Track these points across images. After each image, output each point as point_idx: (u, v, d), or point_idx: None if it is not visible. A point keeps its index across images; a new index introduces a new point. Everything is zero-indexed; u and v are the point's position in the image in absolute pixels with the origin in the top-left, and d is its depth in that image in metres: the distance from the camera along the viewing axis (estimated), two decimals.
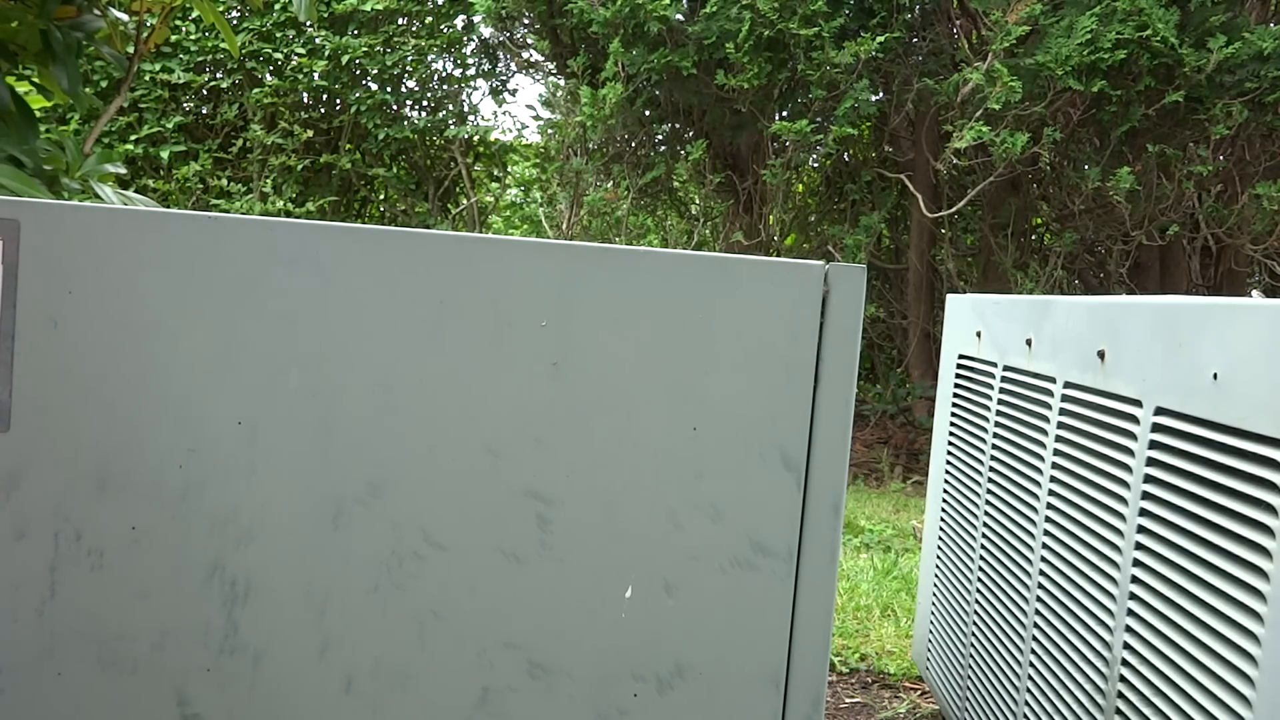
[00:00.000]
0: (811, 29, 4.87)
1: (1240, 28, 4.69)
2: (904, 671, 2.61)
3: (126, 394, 0.95)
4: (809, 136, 5.01)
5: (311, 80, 7.19)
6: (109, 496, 0.95)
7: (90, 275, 0.93)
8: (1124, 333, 1.38)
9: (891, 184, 6.03)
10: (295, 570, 0.97)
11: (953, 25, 5.46)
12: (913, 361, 6.03)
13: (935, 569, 2.24)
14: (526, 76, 10.17)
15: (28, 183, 1.75)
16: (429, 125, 7.34)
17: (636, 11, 5.02)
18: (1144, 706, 1.24)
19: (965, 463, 2.06)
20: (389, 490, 0.97)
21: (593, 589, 0.98)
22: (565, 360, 0.96)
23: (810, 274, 0.96)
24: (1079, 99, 4.96)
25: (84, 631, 0.96)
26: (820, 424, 0.97)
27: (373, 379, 0.96)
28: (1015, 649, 1.70)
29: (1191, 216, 5.41)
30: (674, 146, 6.00)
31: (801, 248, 6.61)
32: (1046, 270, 5.53)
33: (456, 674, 0.98)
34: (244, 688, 0.98)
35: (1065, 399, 1.56)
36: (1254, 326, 1.08)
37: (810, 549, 0.98)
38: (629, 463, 0.97)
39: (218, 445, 0.95)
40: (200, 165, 7.08)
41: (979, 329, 2.02)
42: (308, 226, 0.95)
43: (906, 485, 5.32)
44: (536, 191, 7.72)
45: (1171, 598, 1.21)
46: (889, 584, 3.33)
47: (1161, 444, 1.26)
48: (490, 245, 0.95)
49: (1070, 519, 1.51)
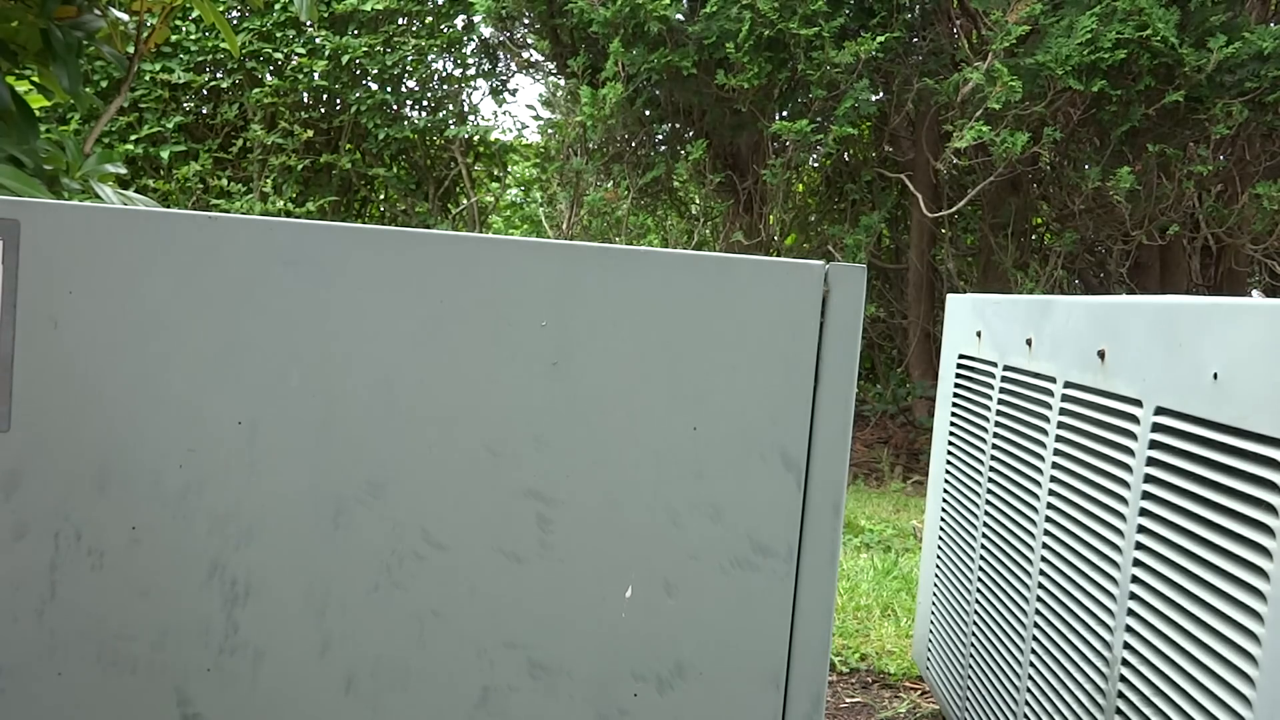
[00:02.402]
0: (812, 29, 4.87)
1: (1240, 27, 4.69)
2: (904, 671, 2.61)
3: (126, 394, 0.95)
4: (809, 136, 5.01)
5: (312, 80, 7.19)
6: (109, 496, 0.95)
7: (90, 275, 0.93)
8: (1124, 332, 1.38)
9: (891, 184, 6.03)
10: (295, 570, 0.97)
11: (953, 25, 5.46)
12: (913, 361, 6.03)
13: (935, 569, 2.24)
14: (526, 76, 10.17)
15: (28, 183, 1.75)
16: (429, 125, 7.34)
17: (637, 11, 5.02)
18: (1144, 706, 1.24)
19: (965, 462, 2.06)
20: (389, 490, 0.97)
21: (593, 588, 0.98)
22: (565, 360, 0.96)
23: (810, 274, 0.96)
24: (1079, 99, 4.96)
25: (84, 631, 0.96)
26: (820, 424, 0.97)
27: (373, 379, 0.96)
28: (1015, 649, 1.69)
29: (1192, 216, 5.41)
30: (674, 146, 6.00)
31: (801, 248, 6.61)
32: (1047, 270, 5.53)
33: (457, 673, 0.98)
34: (244, 687, 0.98)
35: (1065, 399, 1.56)
36: (1254, 326, 1.08)
37: (810, 549, 0.98)
38: (629, 462, 0.97)
39: (218, 445, 0.95)
40: (200, 165, 7.08)
41: (979, 329, 2.02)
42: (308, 226, 0.95)
43: (907, 485, 5.32)
44: (536, 191, 7.72)
45: (1172, 597, 1.21)
46: (889, 584, 3.33)
47: (1162, 444, 1.26)
48: (490, 245, 0.95)
49: (1070, 519, 1.51)
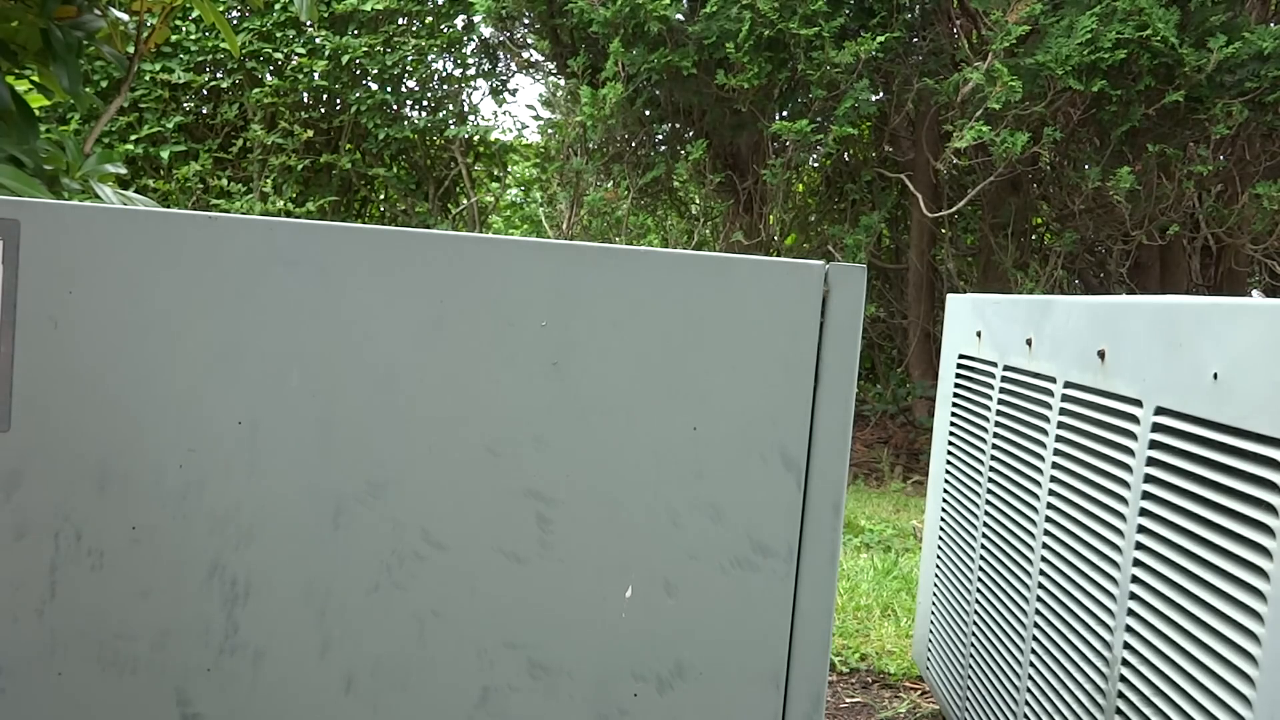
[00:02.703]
0: (812, 29, 4.87)
1: (1240, 27, 4.69)
2: (904, 671, 2.61)
3: (126, 394, 0.95)
4: (809, 136, 5.01)
5: (312, 80, 7.18)
6: (109, 496, 0.95)
7: (90, 275, 0.93)
8: (1124, 332, 1.38)
9: (891, 184, 6.03)
10: (296, 570, 0.97)
11: (953, 25, 5.46)
12: (913, 361, 6.03)
13: (935, 569, 2.24)
14: (526, 76, 10.17)
15: (28, 183, 1.75)
16: (429, 125, 7.34)
17: (637, 11, 5.02)
18: (1144, 706, 1.24)
19: (965, 462, 2.06)
20: (389, 490, 0.97)
21: (593, 588, 0.98)
22: (565, 360, 0.96)
23: (810, 274, 0.96)
24: (1079, 99, 4.96)
25: (84, 631, 0.96)
26: (820, 424, 0.97)
27: (373, 379, 0.96)
28: (1015, 648, 1.69)
29: (1192, 216, 5.41)
30: (674, 146, 6.00)
31: (801, 248, 6.61)
32: (1047, 270, 5.53)
33: (457, 673, 0.98)
34: (244, 687, 0.98)
35: (1065, 399, 1.55)
36: (1254, 326, 1.08)
37: (810, 549, 0.98)
38: (629, 462, 0.97)
39: (218, 445, 0.95)
40: (200, 165, 7.08)
41: (979, 329, 2.02)
42: (308, 226, 0.95)
43: (907, 485, 5.32)
44: (536, 191, 7.71)
45: (1172, 597, 1.21)
46: (889, 584, 3.33)
47: (1162, 444, 1.26)
48: (490, 245, 0.95)
49: (1070, 518, 1.51)
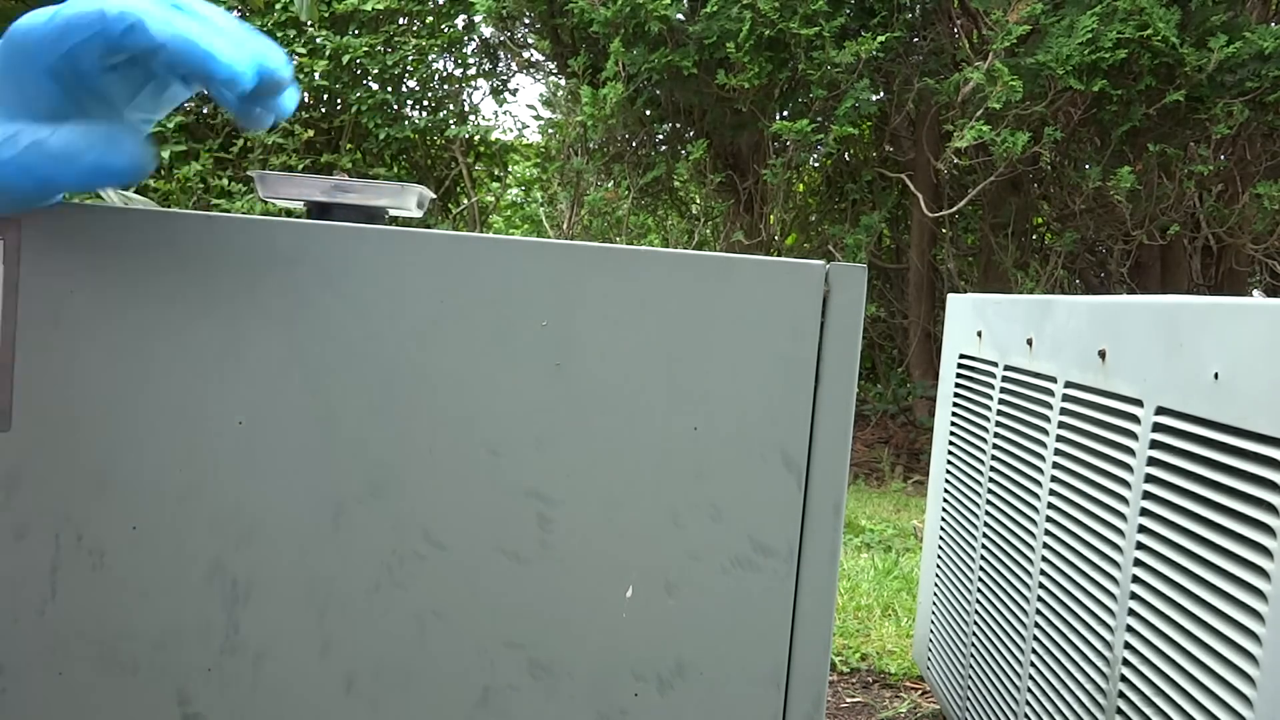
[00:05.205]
0: (812, 29, 4.87)
1: (1241, 27, 4.69)
2: (905, 671, 2.61)
3: (126, 394, 0.95)
4: (810, 136, 5.01)
5: (312, 80, 7.19)
6: (109, 496, 0.95)
7: (90, 275, 0.93)
8: (1125, 332, 1.38)
9: (892, 184, 6.03)
10: (296, 570, 0.97)
11: (953, 25, 5.46)
12: (913, 361, 6.03)
13: (936, 568, 2.24)
14: (527, 76, 10.17)
15: None
16: (429, 125, 7.34)
17: (637, 11, 5.02)
18: (1145, 706, 1.24)
19: (966, 462, 2.05)
20: (390, 490, 0.97)
21: (594, 588, 0.98)
22: (566, 360, 0.96)
23: (811, 274, 0.95)
24: (1080, 98, 4.96)
25: (85, 632, 0.96)
26: (821, 424, 0.97)
27: (373, 378, 0.96)
28: (1016, 649, 1.69)
29: (1192, 216, 5.41)
30: (674, 146, 6.00)
31: (802, 247, 6.61)
32: (1047, 270, 5.53)
33: (457, 673, 0.98)
34: (245, 687, 0.98)
35: (1066, 399, 1.55)
36: (1255, 326, 1.07)
37: (811, 548, 0.98)
38: (630, 462, 0.97)
39: (218, 445, 0.95)
40: (201, 165, 7.08)
41: (980, 328, 2.02)
42: (308, 226, 0.95)
43: (907, 485, 5.32)
44: (537, 191, 7.71)
45: (1172, 597, 1.21)
46: (890, 584, 3.33)
47: (1162, 444, 1.26)
48: (490, 245, 0.95)
49: (1071, 518, 1.51)
